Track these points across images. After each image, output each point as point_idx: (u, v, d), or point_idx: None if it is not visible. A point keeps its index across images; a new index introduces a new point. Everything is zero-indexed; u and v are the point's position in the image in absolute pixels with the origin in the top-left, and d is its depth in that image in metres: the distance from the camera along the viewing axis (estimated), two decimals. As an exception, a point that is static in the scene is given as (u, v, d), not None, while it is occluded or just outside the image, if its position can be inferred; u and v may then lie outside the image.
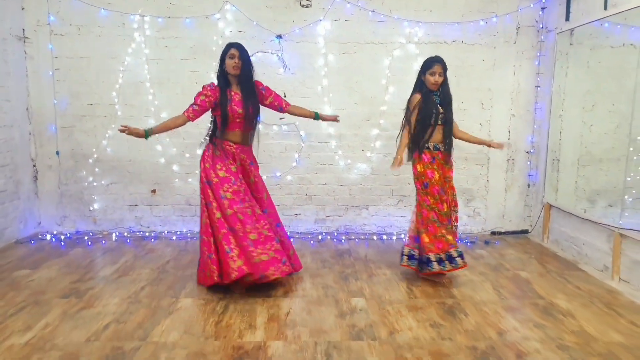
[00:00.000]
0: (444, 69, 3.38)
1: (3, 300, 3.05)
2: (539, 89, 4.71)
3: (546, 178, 4.60)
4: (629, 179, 3.98)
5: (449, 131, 3.43)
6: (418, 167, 3.43)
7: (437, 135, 3.42)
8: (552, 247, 4.40)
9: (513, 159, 4.84)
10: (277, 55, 4.64)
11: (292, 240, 3.75)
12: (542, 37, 4.63)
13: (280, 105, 3.46)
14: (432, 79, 3.34)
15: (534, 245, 4.54)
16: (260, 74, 4.61)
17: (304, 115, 3.58)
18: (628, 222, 3.51)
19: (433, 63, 3.36)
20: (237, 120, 3.22)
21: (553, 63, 4.45)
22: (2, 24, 4.25)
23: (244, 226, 3.08)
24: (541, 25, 4.64)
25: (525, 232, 4.84)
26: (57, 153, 4.68)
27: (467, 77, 4.68)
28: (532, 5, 4.59)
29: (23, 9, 4.51)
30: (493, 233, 4.84)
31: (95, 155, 4.69)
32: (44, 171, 4.72)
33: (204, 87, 3.20)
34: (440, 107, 3.39)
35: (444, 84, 3.41)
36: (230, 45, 3.22)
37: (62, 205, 4.75)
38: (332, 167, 4.80)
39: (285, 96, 4.68)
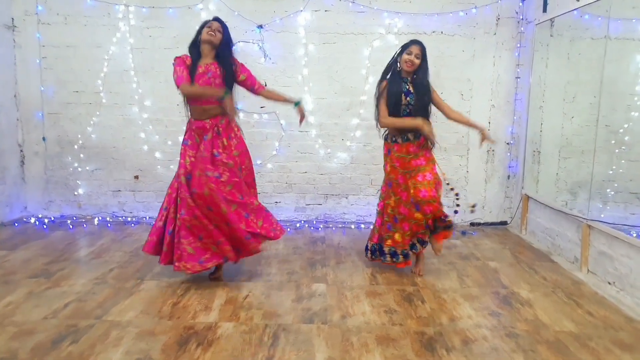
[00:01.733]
0: (423, 53, 3.20)
1: (-24, 278, 3.16)
2: (518, 80, 4.68)
3: (525, 169, 4.58)
4: (610, 172, 3.96)
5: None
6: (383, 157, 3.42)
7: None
8: (529, 239, 4.39)
9: (493, 150, 4.83)
10: (259, 45, 4.68)
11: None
12: (522, 29, 4.60)
13: (252, 85, 3.22)
14: (407, 58, 3.15)
15: (511, 236, 4.53)
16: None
17: (280, 101, 3.33)
18: (610, 216, 3.48)
19: (412, 43, 3.20)
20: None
21: (532, 54, 4.41)
22: (-11, 13, 4.35)
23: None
24: (521, 17, 4.60)
25: (504, 223, 4.83)
26: (44, 139, 4.79)
27: (446, 68, 4.67)
28: (512, -4, 4.56)
29: (11, -2, 4.61)
30: (472, 224, 4.84)
31: (80, 142, 4.79)
32: (30, 157, 4.83)
33: (176, 58, 3.04)
34: (405, 97, 3.19)
35: (420, 70, 3.21)
36: (212, 19, 3.11)
37: (47, 190, 4.86)
38: (313, 155, 4.83)
39: (265, 85, 4.72)
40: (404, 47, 3.23)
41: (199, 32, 3.09)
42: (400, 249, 3.31)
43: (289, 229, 4.60)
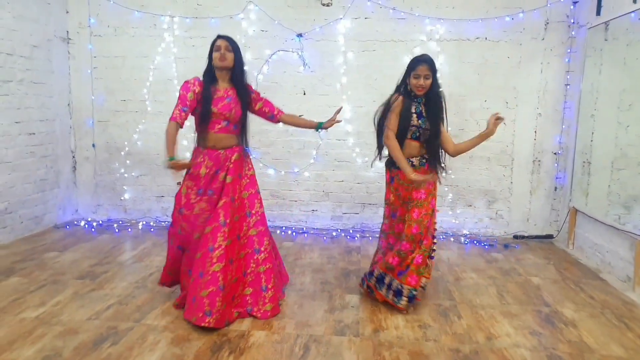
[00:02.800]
0: (432, 70, 2.81)
1: (28, 277, 3.35)
2: (568, 87, 4.46)
3: (574, 181, 4.35)
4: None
5: (430, 148, 2.90)
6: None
7: (411, 149, 2.90)
8: (576, 254, 4.16)
9: (539, 160, 4.62)
10: (298, 54, 4.72)
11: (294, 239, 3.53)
12: (573, 33, 4.38)
13: (271, 113, 3.01)
14: (416, 82, 2.80)
15: (557, 251, 4.31)
16: (281, 72, 4.76)
17: (301, 126, 3.18)
18: None
19: (418, 63, 2.80)
20: (220, 120, 2.78)
21: (584, 60, 4.19)
22: (47, 27, 4.63)
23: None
24: (572, 21, 4.39)
25: (550, 237, 4.60)
26: (94, 145, 5.03)
27: (490, 75, 4.52)
28: (562, 0, 4.36)
29: (67, 12, 4.88)
30: (516, 237, 4.65)
31: (127, 148, 4.99)
32: (81, 162, 5.09)
33: (186, 82, 2.77)
34: (418, 119, 2.85)
35: (433, 88, 2.85)
36: (217, 37, 2.79)
37: (97, 194, 5.10)
38: (350, 164, 4.81)
39: (304, 94, 4.76)
40: (410, 68, 2.84)
41: (210, 52, 2.79)
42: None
43: (325, 238, 4.60)
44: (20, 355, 2.33)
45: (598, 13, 3.99)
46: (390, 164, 2.99)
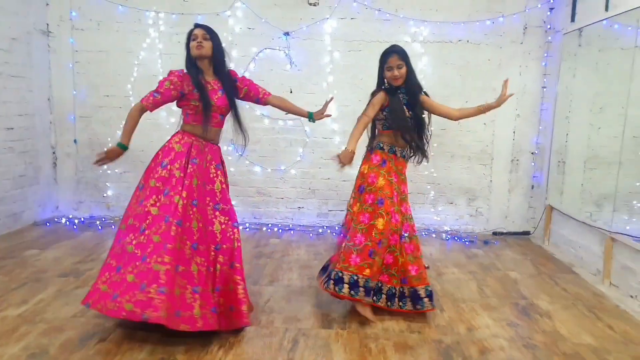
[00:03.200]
0: (403, 59, 2.78)
1: (9, 276, 3.31)
2: (545, 89, 4.64)
3: (550, 180, 4.52)
4: (638, 184, 3.88)
5: (418, 136, 2.89)
6: (363, 166, 2.92)
7: (398, 140, 2.87)
8: (551, 250, 4.33)
9: (517, 160, 4.79)
10: (285, 52, 4.76)
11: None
12: (550, 38, 4.56)
13: (257, 96, 2.88)
14: (390, 74, 2.79)
15: (533, 247, 4.48)
16: (268, 70, 4.79)
17: (292, 112, 2.98)
18: (635, 229, 3.41)
19: (388, 55, 2.79)
20: (217, 114, 2.71)
21: (559, 64, 4.36)
22: (27, 19, 4.55)
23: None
24: (549, 26, 4.56)
25: (527, 233, 4.77)
26: (75, 141, 4.97)
27: (472, 77, 4.66)
28: (539, 6, 4.52)
29: (47, 4, 4.80)
30: (495, 233, 4.80)
31: (110, 145, 4.90)
32: (62, 158, 5.02)
33: (170, 72, 2.65)
34: (408, 112, 2.84)
35: (410, 77, 2.83)
36: (194, 26, 2.71)
37: (78, 191, 5.04)
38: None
39: (291, 92, 4.80)
40: (382, 62, 2.84)
41: (187, 43, 2.69)
42: (375, 284, 2.78)
43: (311, 235, 4.66)
44: (5, 353, 2.32)
45: (572, 20, 4.16)
46: (380, 146, 2.87)
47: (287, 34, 4.72)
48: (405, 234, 2.85)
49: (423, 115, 2.94)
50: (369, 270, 2.71)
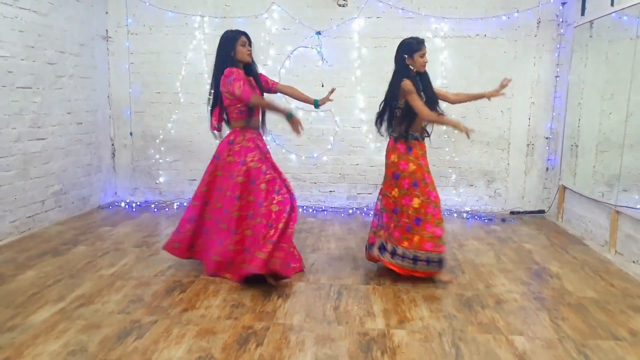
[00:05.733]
0: None
1: (93, 246, 3.91)
2: (558, 79, 5.01)
3: (564, 162, 4.91)
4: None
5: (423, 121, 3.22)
6: (392, 156, 3.25)
7: (417, 125, 3.22)
8: (564, 226, 4.74)
9: (533, 144, 5.18)
10: (317, 50, 5.24)
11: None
12: (562, 31, 4.93)
13: (267, 86, 3.37)
14: (422, 61, 3.18)
15: (548, 223, 4.89)
16: (302, 67, 5.29)
17: (299, 98, 3.47)
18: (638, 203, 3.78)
19: (421, 44, 3.20)
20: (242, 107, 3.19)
21: (571, 55, 4.74)
22: (91, 26, 5.15)
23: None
24: (561, 20, 4.93)
25: (542, 212, 5.18)
26: (131, 134, 5.57)
27: (489, 69, 5.07)
28: (552, 1, 4.90)
29: (107, 13, 5.40)
30: (512, 212, 5.22)
31: (161, 136, 5.54)
32: (120, 149, 5.64)
33: (233, 72, 3.04)
34: (424, 96, 3.21)
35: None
36: (239, 33, 3.15)
37: (134, 178, 5.65)
38: (364, 149, 5.36)
39: (322, 85, 5.30)
40: (414, 50, 3.17)
41: (231, 46, 3.11)
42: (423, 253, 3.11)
43: (342, 215, 5.17)
44: (110, 301, 2.89)
45: (582, 13, 4.53)
46: (404, 135, 3.17)
47: (318, 33, 5.20)
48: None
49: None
50: (407, 243, 3.12)
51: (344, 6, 5.15)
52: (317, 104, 3.43)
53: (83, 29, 5.01)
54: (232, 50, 3.12)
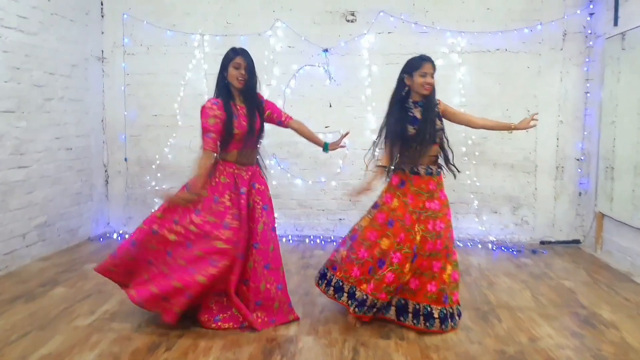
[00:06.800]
0: (434, 70, 2.75)
1: (74, 288, 3.47)
2: (588, 95, 4.58)
3: (598, 186, 4.44)
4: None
5: (426, 151, 2.77)
6: (383, 187, 2.95)
7: (415, 155, 2.79)
8: (604, 258, 4.23)
9: (562, 167, 4.72)
10: (324, 68, 4.87)
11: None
12: (591, 43, 4.52)
13: (279, 119, 2.97)
14: (423, 81, 2.70)
15: (585, 255, 4.39)
16: (308, 86, 4.91)
17: (308, 138, 3.07)
18: None
19: (423, 61, 2.71)
20: (238, 138, 2.76)
21: (602, 69, 4.31)
22: (85, 47, 4.82)
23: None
24: (589, 31, 4.53)
25: (576, 242, 4.67)
26: (126, 159, 5.18)
27: (511, 85, 4.66)
28: (579, 12, 4.50)
29: (103, 33, 5.08)
30: (542, 242, 4.72)
31: (158, 162, 5.14)
32: (114, 176, 5.24)
33: (205, 108, 2.74)
34: (411, 127, 2.75)
35: (434, 90, 2.78)
36: (235, 52, 2.74)
37: (128, 207, 5.24)
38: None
39: (330, 106, 4.91)
40: (413, 67, 2.74)
41: (224, 67, 2.75)
42: (371, 300, 2.71)
43: (354, 246, 4.69)
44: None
45: (615, 24, 4.12)
46: (401, 167, 2.84)
47: (326, 50, 4.84)
48: (428, 253, 2.72)
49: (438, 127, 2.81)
50: (366, 286, 2.73)
51: (352, 22, 4.81)
52: (326, 148, 3.04)
53: (76, 49, 4.68)
54: (225, 72, 2.77)
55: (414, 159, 2.79)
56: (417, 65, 2.75)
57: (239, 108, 2.79)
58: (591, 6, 4.48)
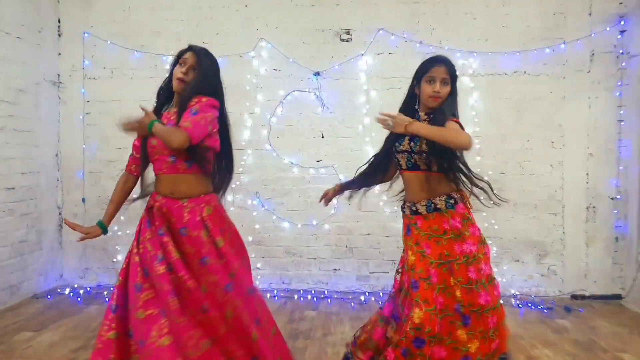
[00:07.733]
0: (450, 74, 2.10)
1: (-9, 371, 2.66)
2: (622, 123, 3.97)
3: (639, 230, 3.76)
4: None
5: (429, 182, 2.11)
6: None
7: (409, 187, 2.18)
8: (656, 319, 3.51)
9: (594, 207, 4.05)
10: (315, 94, 4.25)
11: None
12: (624, 64, 3.95)
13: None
14: (430, 89, 2.08)
15: (630, 314, 3.66)
16: (297, 114, 4.28)
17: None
18: None
19: (431, 64, 2.11)
20: (156, 157, 2.09)
21: (638, 93, 3.73)
22: (37, 69, 4.17)
23: None
24: (621, 51, 3.97)
25: (617, 297, 3.95)
26: (83, 200, 4.44)
27: (531, 112, 4.05)
28: (608, 29, 3.95)
29: (59, 54, 4.44)
30: (574, 297, 3.99)
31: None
32: (69, 219, 4.46)
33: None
34: (409, 142, 2.12)
35: (449, 100, 2.11)
36: (187, 49, 2.11)
37: (85, 256, 4.45)
38: (376, 214, 4.21)
39: (322, 137, 4.26)
40: (421, 72, 2.15)
41: (173, 64, 2.15)
42: None
43: (352, 303, 3.93)
44: None
45: (655, 41, 3.57)
46: (403, 207, 2.22)
47: (317, 74, 4.23)
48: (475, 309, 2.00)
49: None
50: None
51: (347, 41, 4.23)
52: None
53: (25, 71, 4.02)
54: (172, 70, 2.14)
55: (405, 194, 2.21)
56: (425, 68, 2.13)
57: (172, 115, 2.06)
58: (622, 22, 3.93)
